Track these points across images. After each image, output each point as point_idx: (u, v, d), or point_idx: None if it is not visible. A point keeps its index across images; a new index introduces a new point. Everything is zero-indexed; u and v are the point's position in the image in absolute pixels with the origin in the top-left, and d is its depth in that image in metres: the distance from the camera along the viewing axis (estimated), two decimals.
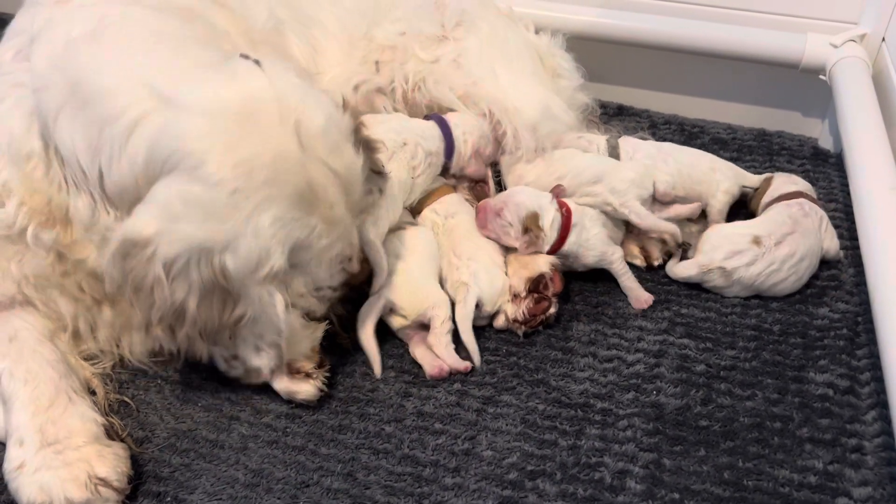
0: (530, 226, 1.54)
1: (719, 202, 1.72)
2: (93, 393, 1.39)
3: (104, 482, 1.21)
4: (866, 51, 1.94)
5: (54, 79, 1.24)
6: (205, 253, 1.17)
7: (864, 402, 1.41)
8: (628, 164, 1.70)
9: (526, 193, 1.60)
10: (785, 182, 1.74)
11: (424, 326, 1.48)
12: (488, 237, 1.59)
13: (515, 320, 1.52)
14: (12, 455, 1.24)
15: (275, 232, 1.19)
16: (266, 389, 1.43)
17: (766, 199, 1.72)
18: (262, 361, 1.33)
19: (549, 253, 1.56)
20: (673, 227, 1.65)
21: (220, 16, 1.49)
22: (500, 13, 1.92)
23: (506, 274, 1.56)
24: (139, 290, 1.19)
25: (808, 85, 2.06)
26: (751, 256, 1.58)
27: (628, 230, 1.71)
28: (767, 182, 1.76)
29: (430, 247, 1.57)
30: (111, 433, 1.32)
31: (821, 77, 1.99)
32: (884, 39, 1.94)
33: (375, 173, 1.42)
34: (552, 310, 1.54)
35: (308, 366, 1.38)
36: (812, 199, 1.70)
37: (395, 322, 1.50)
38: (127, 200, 1.21)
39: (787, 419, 1.38)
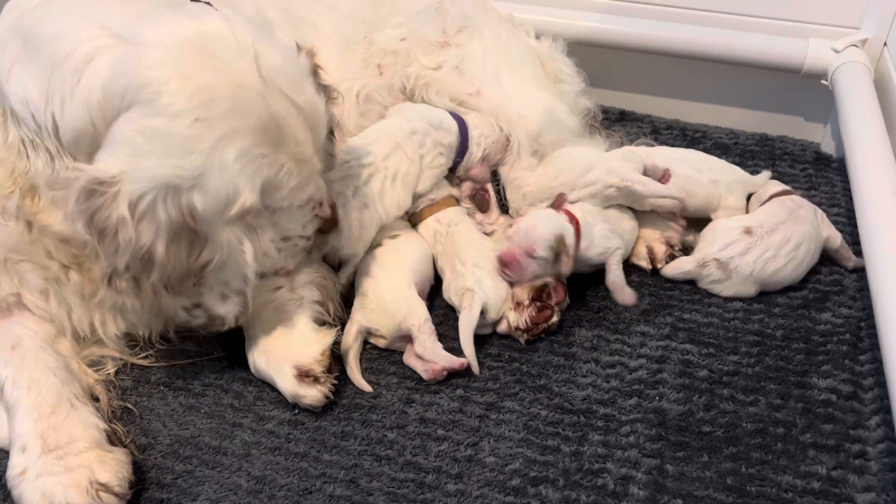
0: (560, 249, 1.51)
1: (723, 217, 1.71)
2: (96, 399, 1.39)
3: (105, 487, 1.21)
4: (868, 56, 1.94)
5: (8, 38, 1.22)
6: (171, 190, 1.13)
7: (868, 407, 1.40)
8: (612, 152, 1.72)
9: (542, 221, 1.54)
10: (772, 184, 1.75)
11: (410, 338, 1.48)
12: (517, 281, 1.55)
13: (518, 328, 1.52)
14: (15, 461, 1.24)
15: (242, 167, 1.16)
16: (269, 395, 1.44)
17: (756, 203, 1.73)
18: (227, 308, 1.31)
19: None
20: (676, 193, 1.65)
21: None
22: (501, 19, 1.93)
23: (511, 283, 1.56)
24: (103, 234, 1.15)
25: (810, 90, 2.06)
26: (744, 245, 1.58)
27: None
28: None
29: (413, 257, 1.57)
30: (114, 439, 1.32)
31: (823, 82, 1.99)
32: (885, 44, 1.94)
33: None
34: (554, 318, 1.54)
35: (318, 369, 1.38)
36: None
37: (380, 343, 1.51)
38: (84, 147, 1.17)
39: (790, 425, 1.38)
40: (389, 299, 1.48)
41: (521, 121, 1.75)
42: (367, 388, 1.45)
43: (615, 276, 1.59)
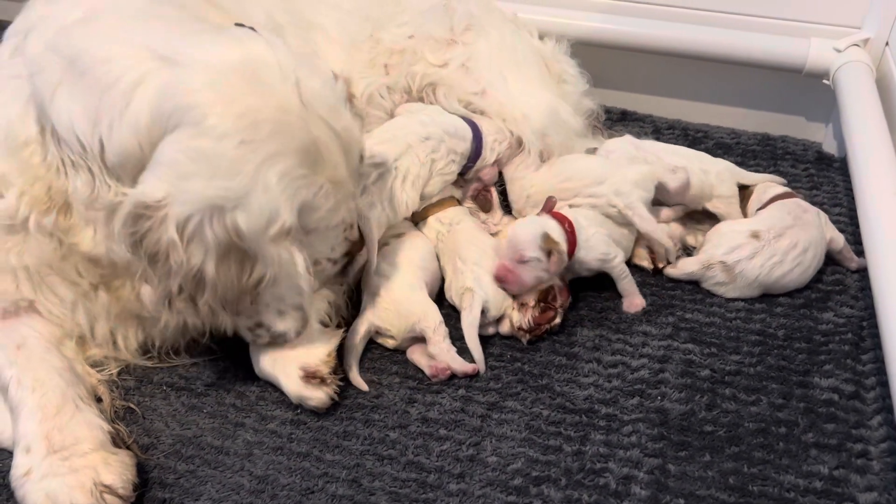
0: (550, 246, 1.51)
1: (721, 207, 1.72)
2: (99, 400, 1.39)
3: (110, 489, 1.21)
4: (870, 55, 1.95)
5: (49, 59, 1.23)
6: (217, 211, 1.15)
7: (870, 407, 1.40)
8: (633, 166, 1.70)
9: (522, 226, 1.55)
10: (771, 186, 1.75)
11: (419, 338, 1.48)
12: (519, 293, 1.54)
13: (520, 328, 1.52)
14: (20, 462, 1.24)
15: (283, 188, 1.19)
16: (271, 395, 1.44)
17: (755, 204, 1.72)
18: (286, 325, 1.33)
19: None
20: (668, 241, 1.66)
21: (214, 14, 1.49)
22: (506, 19, 1.93)
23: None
24: (154, 258, 1.17)
25: (811, 89, 2.06)
26: (751, 250, 1.58)
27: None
28: (751, 190, 1.76)
29: (421, 256, 1.57)
30: (117, 440, 1.32)
31: (824, 82, 1.99)
32: (887, 44, 1.95)
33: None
34: (557, 319, 1.54)
35: (325, 370, 1.38)
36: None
37: (388, 343, 1.52)
38: (130, 169, 1.19)
39: (792, 424, 1.38)
40: (402, 300, 1.49)
41: (526, 121, 1.75)
42: (364, 387, 1.45)
43: (625, 283, 1.61)
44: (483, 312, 1.49)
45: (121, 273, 1.33)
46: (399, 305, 1.48)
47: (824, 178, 1.99)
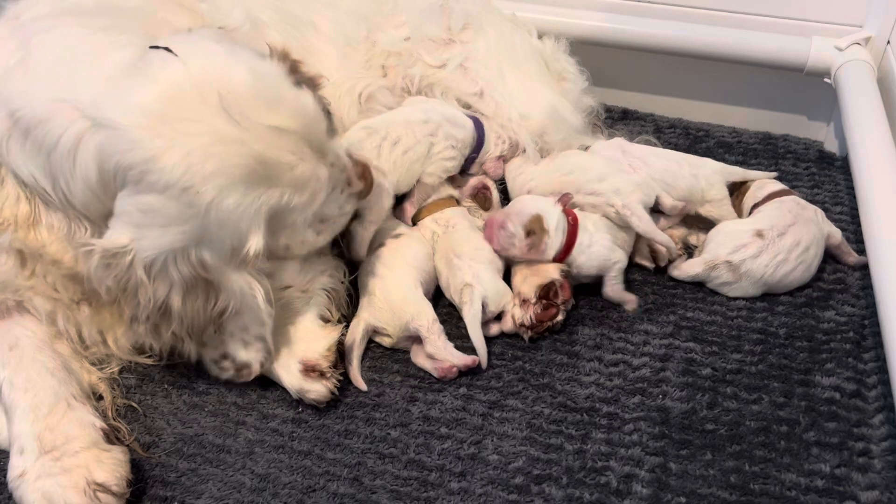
0: (534, 228, 1.53)
1: (713, 211, 1.72)
2: (100, 398, 1.39)
3: (103, 487, 1.22)
4: (871, 54, 1.94)
5: None
6: (179, 252, 1.19)
7: (871, 405, 1.40)
8: (638, 172, 1.69)
9: (528, 200, 1.60)
10: (767, 183, 1.75)
11: (417, 338, 1.48)
12: (497, 251, 1.59)
13: (522, 325, 1.52)
14: (14, 464, 1.25)
15: (240, 215, 1.19)
16: (272, 394, 1.44)
17: (750, 201, 1.72)
18: (250, 355, 1.34)
19: (557, 260, 1.56)
20: (668, 240, 1.64)
21: (182, 17, 1.48)
22: (504, 18, 1.93)
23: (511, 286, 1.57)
24: (125, 291, 1.22)
25: (813, 88, 2.06)
26: (756, 248, 1.58)
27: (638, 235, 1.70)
28: (746, 187, 1.76)
29: (415, 255, 1.57)
30: (112, 438, 1.32)
31: (826, 80, 1.99)
32: (889, 42, 1.94)
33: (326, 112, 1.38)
34: (560, 317, 1.54)
35: (324, 364, 1.39)
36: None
37: (385, 342, 1.52)
38: (96, 214, 1.24)
39: (793, 423, 1.37)
40: (397, 299, 1.49)
41: (524, 121, 1.75)
42: (363, 386, 1.45)
43: (612, 290, 1.60)
44: (482, 307, 1.49)
45: (99, 295, 1.34)
46: (393, 304, 1.48)
47: (826, 177, 1.99)
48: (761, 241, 1.58)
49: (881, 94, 1.82)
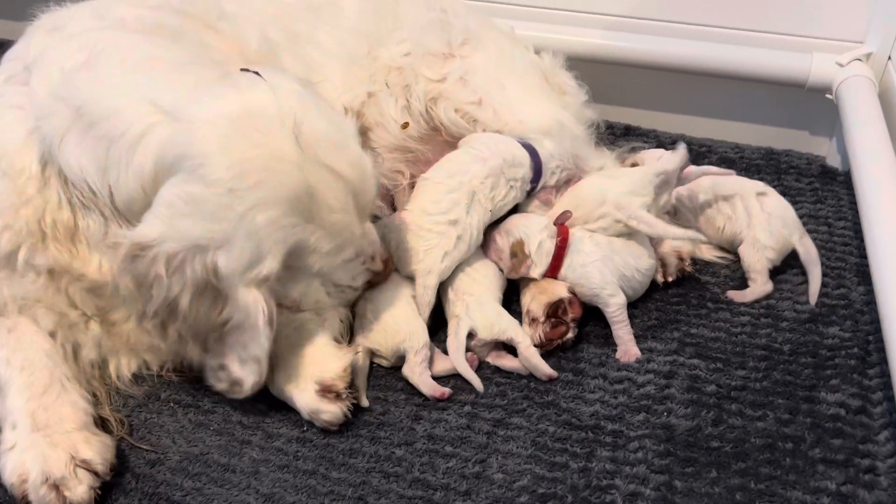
0: (516, 251, 1.56)
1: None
2: (105, 424, 1.40)
3: (87, 464, 1.27)
4: (872, 69, 1.95)
5: (56, 107, 1.29)
6: (200, 250, 1.21)
7: (877, 421, 1.40)
8: (624, 177, 1.66)
9: (517, 221, 1.62)
10: (668, 161, 1.71)
11: None
12: (495, 262, 1.61)
13: (532, 344, 1.52)
14: (6, 437, 1.30)
15: (269, 234, 1.22)
16: (277, 413, 1.44)
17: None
18: (244, 373, 1.33)
19: (548, 276, 1.58)
20: (689, 232, 1.63)
21: (212, 38, 1.53)
22: (503, 34, 1.94)
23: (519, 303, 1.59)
24: (140, 284, 1.24)
25: (815, 104, 2.07)
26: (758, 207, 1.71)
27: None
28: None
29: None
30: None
31: (827, 96, 2.00)
32: (890, 58, 1.95)
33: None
34: (570, 334, 1.54)
35: (340, 385, 1.39)
36: None
37: (382, 363, 1.53)
38: (136, 211, 1.26)
39: (798, 440, 1.37)
40: (390, 320, 1.50)
41: (522, 126, 1.76)
42: (365, 403, 1.46)
43: (620, 330, 1.56)
44: (472, 335, 1.50)
45: (120, 304, 1.38)
46: (386, 325, 1.49)
47: (829, 192, 1.99)
48: (763, 197, 1.73)
49: (883, 109, 1.83)
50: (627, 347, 1.56)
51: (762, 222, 1.68)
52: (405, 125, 1.79)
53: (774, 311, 1.64)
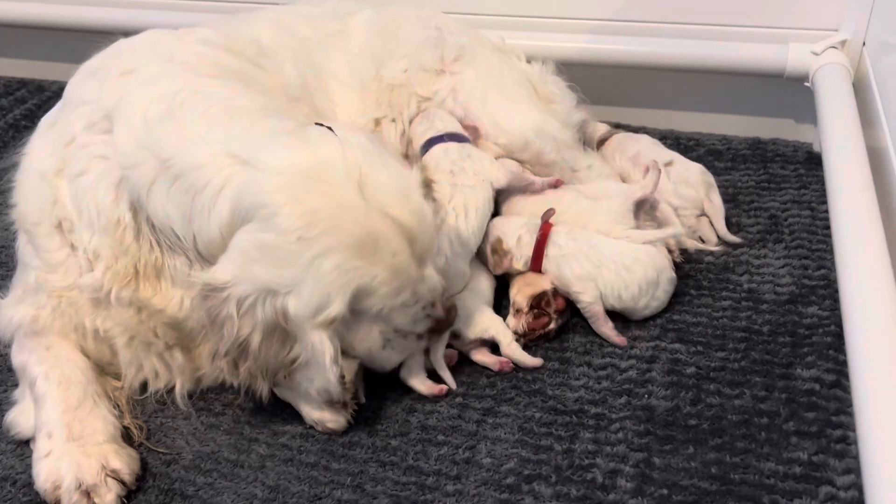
0: (496, 248, 1.68)
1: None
2: (126, 432, 1.51)
3: (116, 474, 1.38)
4: (848, 57, 2.00)
5: (142, 157, 1.37)
6: (270, 294, 1.29)
7: (850, 394, 1.44)
8: (604, 202, 1.73)
9: (495, 222, 1.73)
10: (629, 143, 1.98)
11: None
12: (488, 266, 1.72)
13: (515, 332, 1.61)
14: (41, 445, 1.41)
15: (335, 278, 1.29)
16: (283, 412, 1.54)
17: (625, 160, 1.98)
18: (308, 409, 1.48)
19: (532, 270, 1.66)
20: (669, 231, 1.71)
21: (263, 77, 1.64)
22: (494, 49, 2.02)
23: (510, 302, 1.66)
24: (213, 323, 1.33)
25: (798, 92, 2.12)
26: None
27: None
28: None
29: None
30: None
31: (806, 84, 2.05)
32: (864, 44, 2.00)
33: None
34: (552, 325, 1.63)
35: (345, 395, 1.47)
36: None
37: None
38: (214, 253, 1.34)
39: (773, 415, 1.43)
40: None
41: (502, 131, 1.86)
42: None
43: (595, 326, 1.63)
44: (457, 336, 1.58)
45: (196, 336, 1.46)
46: None
47: (813, 177, 2.04)
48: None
49: (857, 95, 1.88)
50: (611, 340, 1.62)
51: (670, 191, 1.84)
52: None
53: (755, 294, 1.70)
